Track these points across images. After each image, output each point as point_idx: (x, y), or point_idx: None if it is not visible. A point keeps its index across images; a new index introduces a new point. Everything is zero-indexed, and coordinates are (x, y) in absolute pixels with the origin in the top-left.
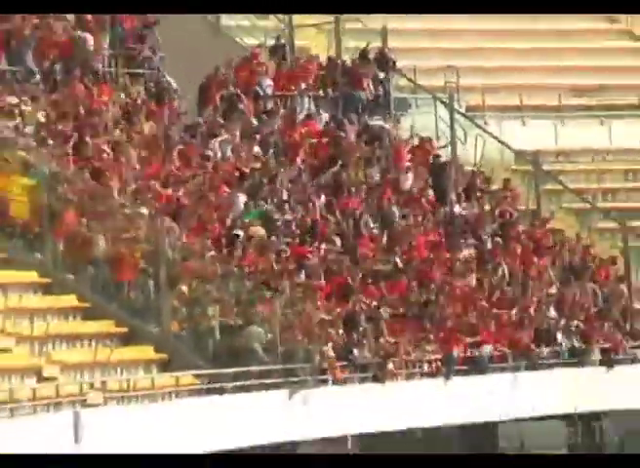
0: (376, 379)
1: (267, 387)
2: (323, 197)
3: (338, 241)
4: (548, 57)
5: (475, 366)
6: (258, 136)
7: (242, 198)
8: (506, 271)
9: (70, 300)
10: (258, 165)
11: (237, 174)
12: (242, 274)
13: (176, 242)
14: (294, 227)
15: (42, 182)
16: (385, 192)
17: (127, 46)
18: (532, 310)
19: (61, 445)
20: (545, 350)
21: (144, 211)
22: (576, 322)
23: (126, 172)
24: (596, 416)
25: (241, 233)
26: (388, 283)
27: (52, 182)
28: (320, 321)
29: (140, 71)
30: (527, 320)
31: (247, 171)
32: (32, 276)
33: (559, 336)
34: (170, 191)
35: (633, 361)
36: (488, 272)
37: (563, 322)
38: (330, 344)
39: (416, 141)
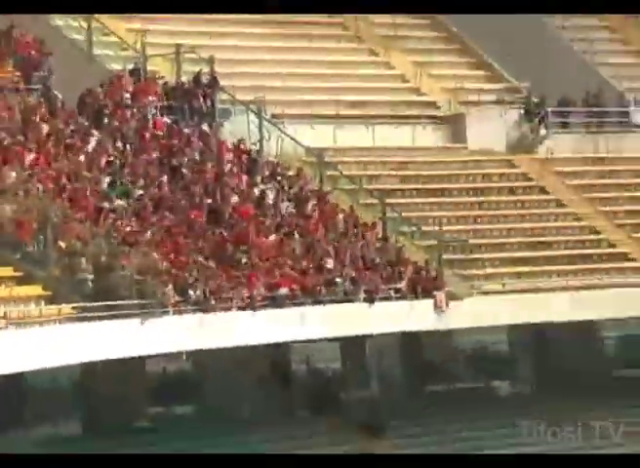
0: (203, 311)
1: (125, 316)
2: (166, 178)
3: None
4: (331, 80)
5: (275, 302)
6: (120, 134)
7: (107, 179)
8: (298, 233)
9: None
10: (119, 155)
11: (104, 161)
12: (109, 234)
13: (59, 211)
14: (146, 201)
15: None
16: (209, 176)
17: (26, 69)
18: (317, 261)
19: None
20: (325, 291)
21: (38, 188)
22: (348, 270)
23: (24, 159)
24: (361, 338)
25: (107, 205)
26: (214, 241)
27: None
28: (164, 268)
29: (36, 87)
30: (313, 269)
31: (112, 159)
32: None
33: (337, 280)
34: (55, 173)
35: (387, 299)
36: (286, 234)
37: (339, 270)
38: (170, 285)
39: (234, 140)
